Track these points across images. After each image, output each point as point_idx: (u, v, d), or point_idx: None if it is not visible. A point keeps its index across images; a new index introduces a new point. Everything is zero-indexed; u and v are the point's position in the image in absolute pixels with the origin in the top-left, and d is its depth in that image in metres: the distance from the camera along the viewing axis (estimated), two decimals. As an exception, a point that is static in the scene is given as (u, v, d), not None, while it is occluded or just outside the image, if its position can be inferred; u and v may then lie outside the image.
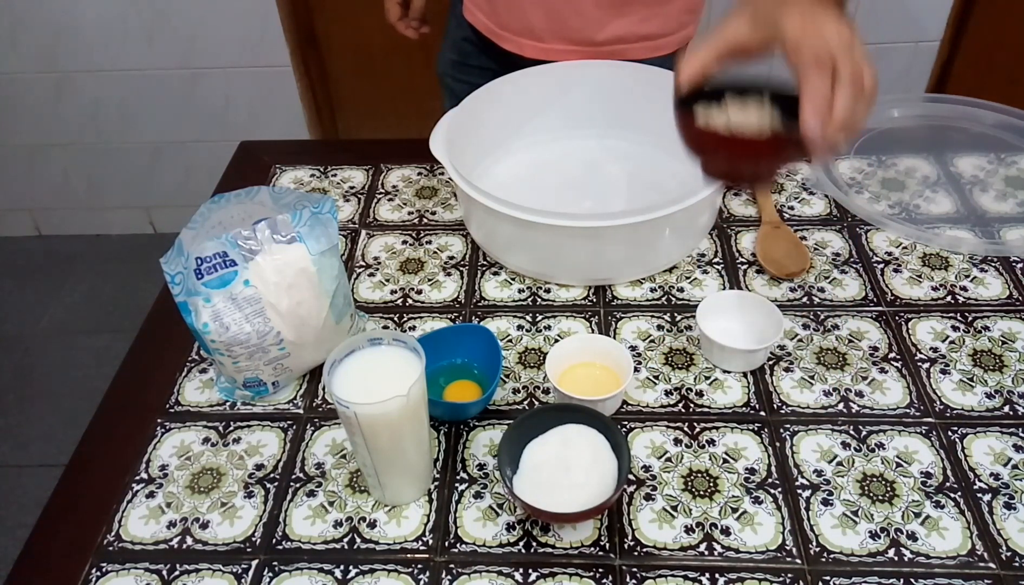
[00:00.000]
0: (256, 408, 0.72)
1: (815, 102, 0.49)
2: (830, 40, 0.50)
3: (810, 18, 0.51)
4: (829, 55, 0.49)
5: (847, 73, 0.49)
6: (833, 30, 0.50)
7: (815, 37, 0.50)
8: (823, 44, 0.49)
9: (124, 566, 0.61)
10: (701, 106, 0.57)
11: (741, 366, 0.72)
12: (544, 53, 0.98)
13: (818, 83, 0.49)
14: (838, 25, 0.51)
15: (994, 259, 0.83)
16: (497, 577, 0.59)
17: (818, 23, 0.51)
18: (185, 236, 0.68)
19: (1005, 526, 0.60)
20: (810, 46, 0.49)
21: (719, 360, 0.72)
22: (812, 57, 0.49)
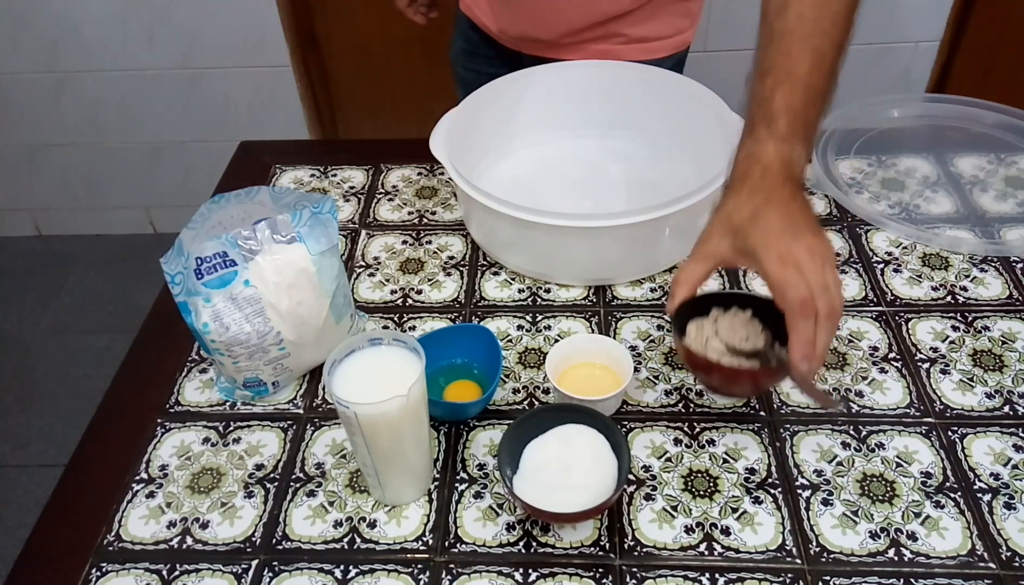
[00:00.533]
0: (256, 408, 0.72)
1: (803, 346, 0.55)
2: (809, 276, 0.54)
3: (786, 251, 0.56)
4: (811, 300, 0.54)
5: (825, 312, 0.54)
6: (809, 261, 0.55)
7: (795, 280, 0.55)
8: (804, 288, 0.54)
9: (124, 566, 0.61)
10: (693, 324, 0.63)
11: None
12: (541, 52, 0.98)
13: (805, 327, 0.54)
14: (811, 249, 0.56)
15: (994, 259, 0.83)
16: (497, 577, 0.59)
17: (794, 254, 0.55)
18: (185, 236, 0.68)
19: (1005, 526, 0.60)
20: (793, 291, 0.54)
21: (719, 360, 0.72)
22: (797, 304, 0.54)
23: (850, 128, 0.99)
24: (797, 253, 0.55)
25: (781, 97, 0.60)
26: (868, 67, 1.79)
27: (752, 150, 0.60)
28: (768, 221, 0.57)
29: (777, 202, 0.58)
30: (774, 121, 0.60)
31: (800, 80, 0.60)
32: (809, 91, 0.60)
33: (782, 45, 0.61)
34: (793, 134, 0.59)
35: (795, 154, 0.59)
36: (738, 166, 0.61)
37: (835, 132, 0.98)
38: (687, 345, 0.61)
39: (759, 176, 0.59)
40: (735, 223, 0.59)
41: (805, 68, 0.60)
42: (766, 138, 0.60)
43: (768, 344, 0.62)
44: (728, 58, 1.61)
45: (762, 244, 0.56)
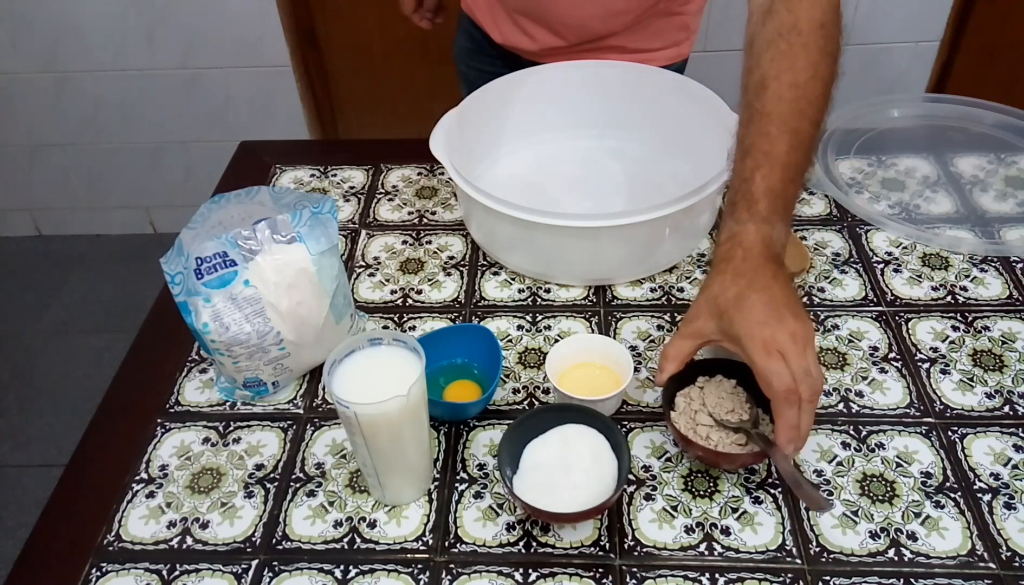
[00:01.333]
0: (256, 408, 0.72)
1: (788, 431, 0.57)
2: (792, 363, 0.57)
3: (771, 338, 0.57)
4: (794, 388, 0.56)
5: (807, 397, 0.57)
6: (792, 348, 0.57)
7: (779, 369, 0.57)
8: (788, 377, 0.56)
9: (124, 566, 0.61)
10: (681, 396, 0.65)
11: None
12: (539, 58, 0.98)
13: (789, 415, 0.57)
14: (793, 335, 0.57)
15: (994, 259, 0.83)
16: (497, 577, 0.59)
17: (778, 342, 0.57)
18: (185, 236, 0.68)
19: (1005, 526, 0.60)
20: (778, 380, 0.57)
21: (719, 360, 0.73)
22: (782, 393, 0.57)
23: (850, 128, 0.99)
24: (781, 340, 0.57)
25: (761, 178, 0.62)
26: (868, 67, 1.79)
27: (734, 231, 0.62)
28: (752, 306, 0.59)
29: (760, 285, 0.60)
30: (755, 203, 0.62)
31: (779, 161, 0.62)
32: (787, 170, 0.62)
33: (761, 126, 0.63)
34: (773, 214, 0.62)
35: (775, 233, 0.62)
36: (721, 247, 0.63)
37: (835, 132, 0.98)
38: (675, 426, 0.63)
39: (741, 258, 0.61)
40: (720, 306, 0.61)
41: (784, 149, 0.62)
42: (747, 220, 0.62)
43: (753, 416, 0.63)
44: (728, 58, 1.61)
45: (747, 333, 0.58)
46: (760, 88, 0.64)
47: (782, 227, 0.62)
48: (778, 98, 0.63)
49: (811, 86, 0.63)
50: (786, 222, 0.63)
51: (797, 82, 0.63)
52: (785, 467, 0.59)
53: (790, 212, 0.64)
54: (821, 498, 0.59)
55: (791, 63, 0.64)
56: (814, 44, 0.64)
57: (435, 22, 1.08)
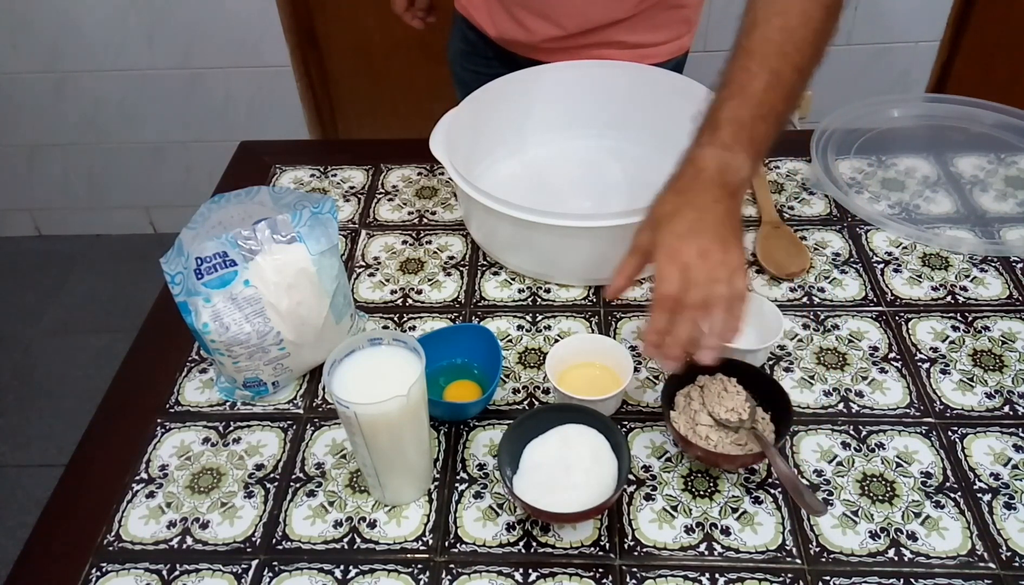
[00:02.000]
0: (256, 408, 0.72)
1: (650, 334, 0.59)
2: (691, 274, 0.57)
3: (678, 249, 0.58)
4: (673, 297, 0.57)
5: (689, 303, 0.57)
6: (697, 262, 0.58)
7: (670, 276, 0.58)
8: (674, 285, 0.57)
9: (124, 566, 0.61)
10: (681, 395, 0.66)
11: (741, 366, 0.72)
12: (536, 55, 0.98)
13: (657, 319, 0.58)
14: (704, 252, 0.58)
15: (994, 259, 0.83)
16: (497, 577, 0.59)
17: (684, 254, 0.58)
18: (185, 236, 0.68)
19: (1005, 526, 0.60)
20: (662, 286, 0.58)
21: (719, 360, 0.72)
22: (658, 297, 0.58)
23: (850, 128, 0.99)
24: (687, 254, 0.58)
25: (730, 108, 0.62)
26: (868, 67, 1.79)
27: (692, 153, 0.63)
28: (679, 220, 0.60)
29: (697, 204, 0.60)
30: (718, 129, 0.62)
31: (752, 95, 0.62)
32: (760, 107, 0.62)
33: (742, 61, 0.64)
34: (736, 143, 0.61)
35: (735, 162, 0.61)
36: (677, 167, 0.64)
37: (835, 132, 0.98)
38: (675, 426, 0.63)
39: (690, 177, 0.62)
40: (656, 218, 0.62)
41: (760, 85, 0.62)
42: (707, 143, 0.62)
43: (752, 415, 0.63)
44: (728, 58, 1.61)
45: (662, 240, 0.60)
46: (750, 28, 0.65)
47: (744, 158, 0.62)
48: (764, 39, 0.64)
49: (800, 33, 0.64)
50: (751, 155, 0.62)
51: (787, 26, 0.64)
52: (782, 469, 0.59)
53: (757, 148, 0.63)
54: (816, 501, 0.59)
55: (784, 7, 0.64)
56: None
57: (427, 21, 1.08)
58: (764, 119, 0.62)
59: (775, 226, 0.86)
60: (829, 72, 2.06)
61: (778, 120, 0.63)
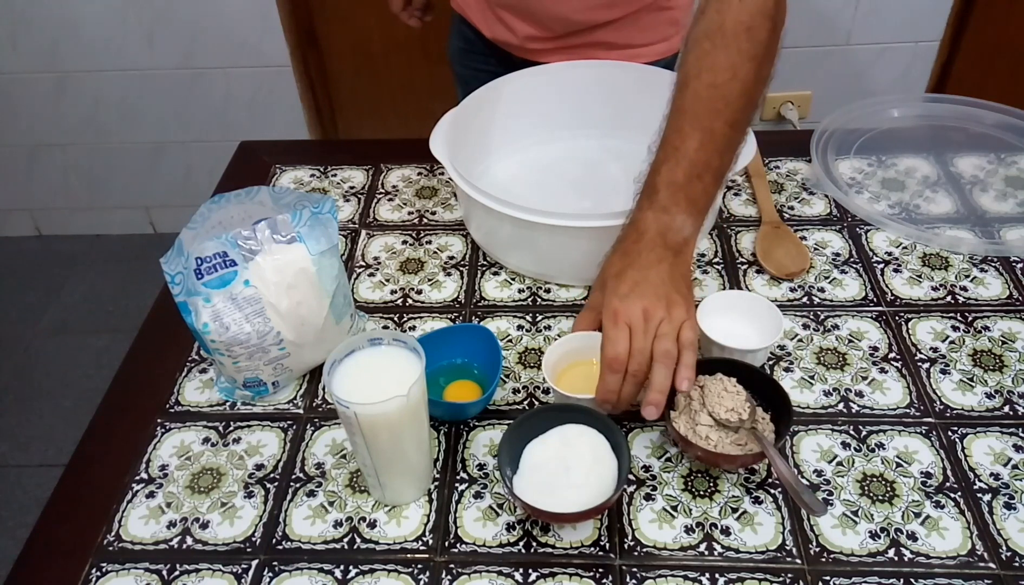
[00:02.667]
0: (256, 408, 0.72)
1: (603, 394, 0.62)
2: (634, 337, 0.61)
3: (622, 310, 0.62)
4: (620, 360, 0.61)
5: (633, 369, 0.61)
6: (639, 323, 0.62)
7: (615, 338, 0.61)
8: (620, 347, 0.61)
9: (124, 566, 0.61)
10: (681, 395, 0.66)
11: (741, 366, 0.72)
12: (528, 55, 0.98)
13: (608, 380, 0.62)
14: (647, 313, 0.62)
15: (994, 259, 0.83)
16: (497, 577, 0.59)
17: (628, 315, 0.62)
18: (185, 236, 0.68)
19: (1005, 526, 0.60)
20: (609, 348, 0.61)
21: (719, 360, 0.73)
22: (607, 360, 0.62)
23: (850, 128, 0.99)
24: (631, 314, 0.62)
25: (666, 171, 0.65)
26: (868, 67, 1.79)
27: (634, 218, 0.67)
28: (622, 282, 0.64)
29: (639, 266, 0.64)
30: (655, 193, 0.65)
31: (686, 156, 0.65)
32: (694, 167, 0.65)
33: (675, 122, 0.67)
34: (673, 205, 0.65)
35: (675, 223, 0.65)
36: (622, 230, 0.68)
37: (835, 132, 0.98)
38: (675, 426, 0.63)
39: (632, 240, 0.66)
40: (604, 280, 0.66)
41: (693, 145, 0.65)
42: (646, 207, 0.66)
43: (752, 415, 0.63)
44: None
45: (608, 302, 0.63)
46: (682, 86, 0.67)
47: (684, 218, 0.65)
48: (695, 97, 0.66)
49: (729, 87, 0.65)
50: (691, 215, 0.65)
51: (715, 82, 0.66)
52: (782, 469, 0.59)
53: (697, 206, 0.66)
54: (816, 501, 0.59)
55: (712, 63, 0.66)
56: (735, 46, 0.66)
57: (424, 20, 1.08)
58: (700, 178, 0.65)
59: (775, 226, 0.86)
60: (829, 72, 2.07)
61: (715, 175, 0.66)
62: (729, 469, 0.65)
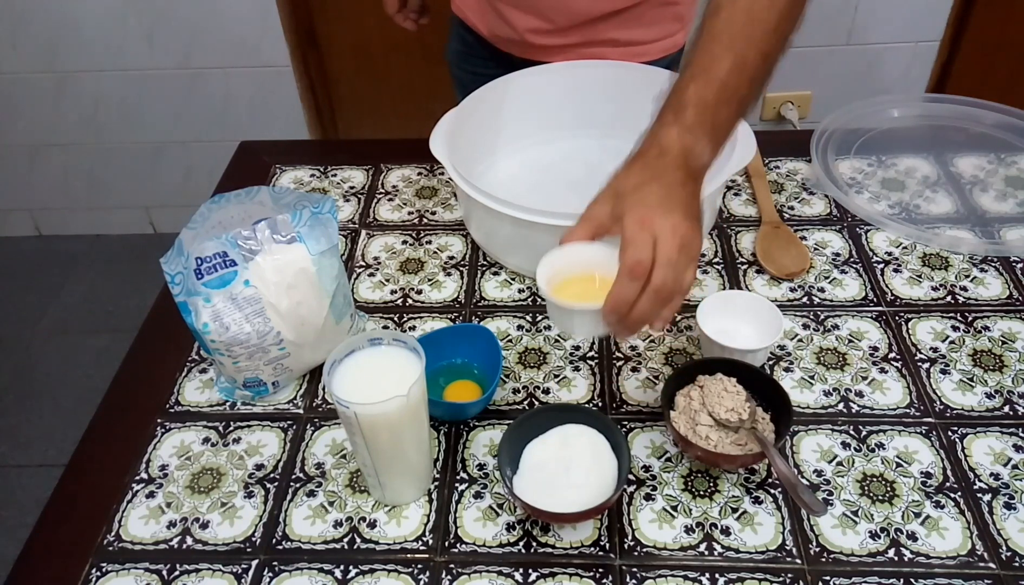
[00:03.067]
0: (256, 408, 0.72)
1: (615, 302, 0.55)
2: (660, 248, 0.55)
3: (650, 219, 0.56)
4: (644, 265, 0.54)
5: (655, 285, 0.54)
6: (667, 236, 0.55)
7: (641, 242, 0.55)
8: (645, 253, 0.54)
9: (124, 566, 0.61)
10: (681, 395, 0.65)
11: (741, 366, 0.72)
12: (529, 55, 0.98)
13: (626, 288, 0.54)
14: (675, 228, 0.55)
15: (994, 259, 0.83)
16: (497, 577, 0.59)
17: (656, 225, 0.55)
18: (185, 236, 0.68)
19: (1005, 526, 0.60)
20: (633, 251, 0.55)
21: (719, 360, 0.72)
22: (630, 263, 0.54)
23: (850, 128, 0.99)
24: (659, 225, 0.55)
25: (694, 90, 0.60)
26: (868, 67, 1.79)
27: (656, 132, 0.61)
28: (648, 193, 0.57)
29: (664, 182, 0.58)
30: (682, 110, 0.60)
31: (716, 78, 0.60)
32: (723, 90, 0.60)
33: (707, 45, 0.62)
34: (699, 126, 0.59)
35: (698, 147, 0.59)
36: (638, 146, 0.61)
37: (835, 132, 0.98)
38: (675, 426, 0.63)
39: (655, 155, 0.59)
40: (618, 191, 0.59)
41: (724, 68, 0.61)
42: (671, 123, 0.60)
43: (752, 415, 0.63)
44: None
45: (632, 208, 0.57)
46: (715, 11, 0.63)
47: (706, 144, 0.60)
48: (729, 21, 0.62)
49: (765, 16, 0.62)
50: (712, 143, 0.60)
51: (751, 9, 0.62)
52: (782, 469, 0.59)
53: (719, 135, 0.61)
54: (816, 501, 0.59)
55: None
56: None
57: (419, 23, 1.08)
58: (727, 103, 0.61)
59: (775, 226, 0.86)
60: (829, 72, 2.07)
61: (741, 105, 0.62)
62: (729, 469, 0.65)
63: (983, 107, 0.98)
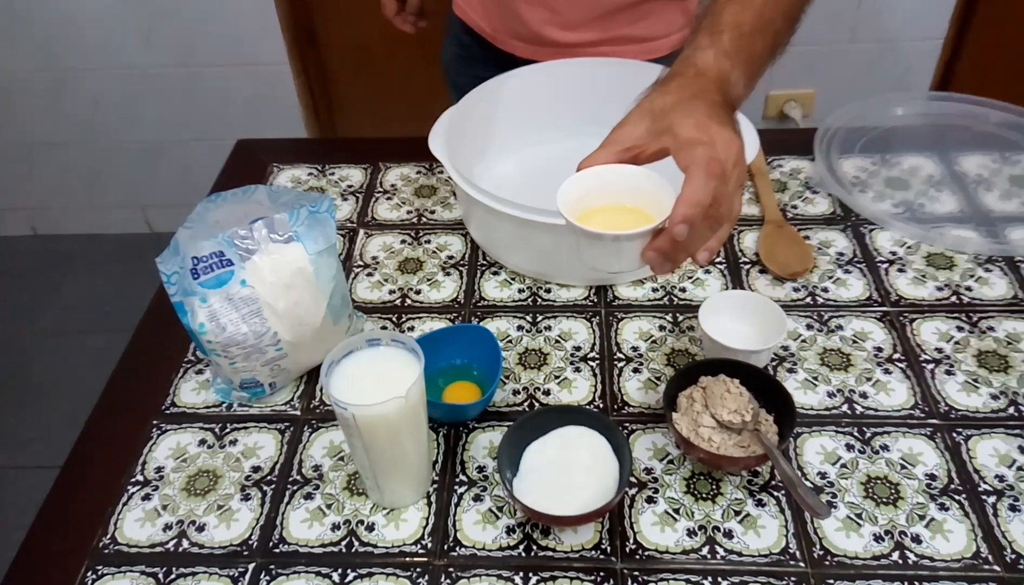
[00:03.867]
0: (253, 410, 0.72)
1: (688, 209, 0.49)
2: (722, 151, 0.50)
3: (704, 126, 0.52)
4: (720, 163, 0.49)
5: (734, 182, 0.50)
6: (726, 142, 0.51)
7: (709, 143, 0.50)
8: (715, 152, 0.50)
9: (120, 569, 0.61)
10: (683, 397, 0.64)
11: (744, 367, 0.71)
12: (536, 54, 0.97)
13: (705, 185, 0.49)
14: (729, 141, 0.52)
15: (999, 259, 0.82)
16: (497, 581, 0.58)
17: (712, 131, 0.51)
18: (181, 235, 0.67)
19: (1010, 528, 0.60)
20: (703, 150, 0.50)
21: (721, 361, 0.72)
22: (705, 160, 0.49)
23: (854, 127, 0.98)
24: (715, 133, 0.51)
25: (731, 13, 0.57)
26: (871, 65, 1.78)
27: (690, 55, 0.57)
28: (693, 108, 0.53)
29: (705, 98, 0.54)
30: (719, 34, 0.57)
31: (752, 5, 0.58)
32: (760, 19, 0.58)
33: None
34: (736, 53, 0.56)
35: (734, 74, 0.56)
36: (673, 68, 0.58)
37: (839, 131, 0.98)
38: (677, 428, 0.62)
39: (693, 75, 0.56)
40: (655, 109, 0.55)
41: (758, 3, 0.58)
42: (707, 46, 0.57)
43: (755, 416, 0.63)
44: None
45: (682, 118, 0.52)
46: None
47: (740, 75, 0.56)
48: None
49: None
50: (747, 75, 0.57)
51: None
52: (785, 471, 0.58)
53: (753, 68, 0.58)
54: (819, 503, 0.58)
55: None
56: None
57: (418, 26, 1.08)
58: (763, 33, 0.58)
59: (778, 225, 0.86)
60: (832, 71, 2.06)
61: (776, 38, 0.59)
62: (732, 471, 0.64)
63: (988, 105, 0.98)
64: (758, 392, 0.65)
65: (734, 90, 0.57)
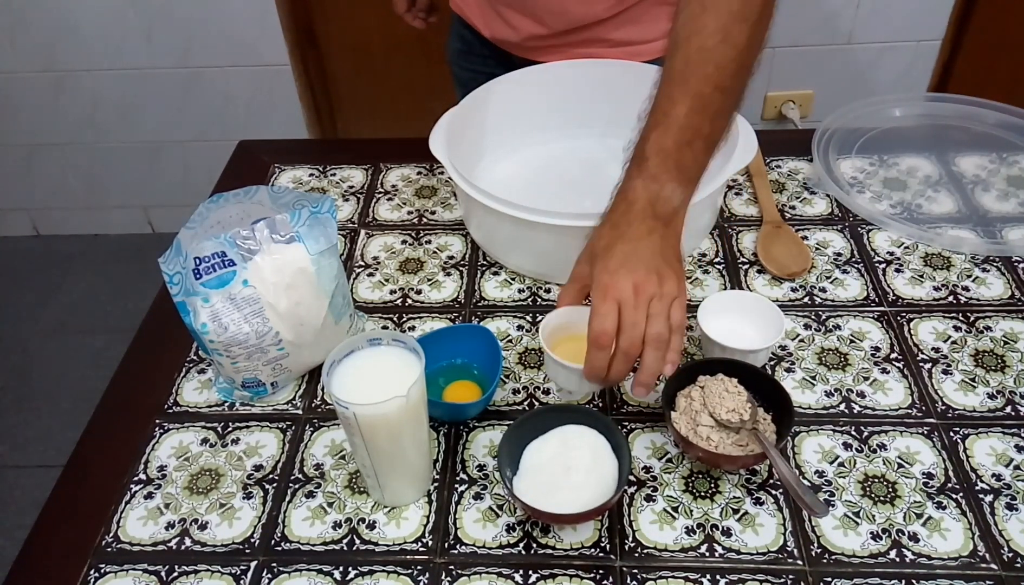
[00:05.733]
0: (255, 409, 0.72)
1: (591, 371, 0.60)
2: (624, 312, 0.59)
3: (612, 285, 0.60)
4: (607, 334, 0.59)
5: (624, 346, 0.59)
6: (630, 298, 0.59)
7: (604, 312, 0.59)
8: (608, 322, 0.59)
9: (122, 567, 0.61)
10: (682, 396, 0.65)
11: (742, 367, 0.72)
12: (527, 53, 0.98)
13: (594, 357, 0.60)
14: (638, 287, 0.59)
15: (996, 259, 0.83)
16: (497, 579, 0.59)
17: (618, 290, 0.59)
18: (183, 236, 0.67)
19: (1007, 527, 0.60)
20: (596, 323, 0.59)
21: (720, 361, 0.72)
22: (593, 335, 0.59)
23: (851, 127, 0.99)
24: (621, 289, 0.59)
25: (655, 138, 0.63)
26: (870, 66, 1.78)
27: (623, 187, 0.64)
28: (612, 255, 0.61)
29: (629, 237, 0.61)
30: (644, 161, 0.63)
31: (675, 122, 0.62)
32: (683, 133, 0.62)
33: (665, 87, 0.64)
34: (663, 173, 0.62)
35: (664, 192, 0.62)
36: (610, 200, 0.65)
37: (837, 131, 0.98)
38: (676, 427, 0.63)
39: (622, 212, 0.63)
40: (593, 252, 0.63)
41: (683, 111, 0.62)
42: (635, 176, 0.63)
43: (753, 415, 0.63)
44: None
45: (597, 276, 0.61)
46: (672, 50, 0.65)
47: (675, 187, 0.62)
48: (685, 60, 0.63)
49: (720, 51, 0.63)
50: (681, 183, 0.63)
51: (704, 46, 0.63)
52: (783, 470, 0.58)
53: (688, 175, 0.63)
54: (817, 502, 0.58)
55: (701, 25, 0.63)
56: (726, 8, 0.63)
57: (428, 21, 1.08)
58: (690, 145, 0.63)
59: (776, 226, 0.86)
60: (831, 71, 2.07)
61: (706, 142, 0.64)
62: (730, 470, 0.64)
63: (985, 106, 0.98)
64: (756, 391, 0.65)
65: (669, 205, 0.63)
